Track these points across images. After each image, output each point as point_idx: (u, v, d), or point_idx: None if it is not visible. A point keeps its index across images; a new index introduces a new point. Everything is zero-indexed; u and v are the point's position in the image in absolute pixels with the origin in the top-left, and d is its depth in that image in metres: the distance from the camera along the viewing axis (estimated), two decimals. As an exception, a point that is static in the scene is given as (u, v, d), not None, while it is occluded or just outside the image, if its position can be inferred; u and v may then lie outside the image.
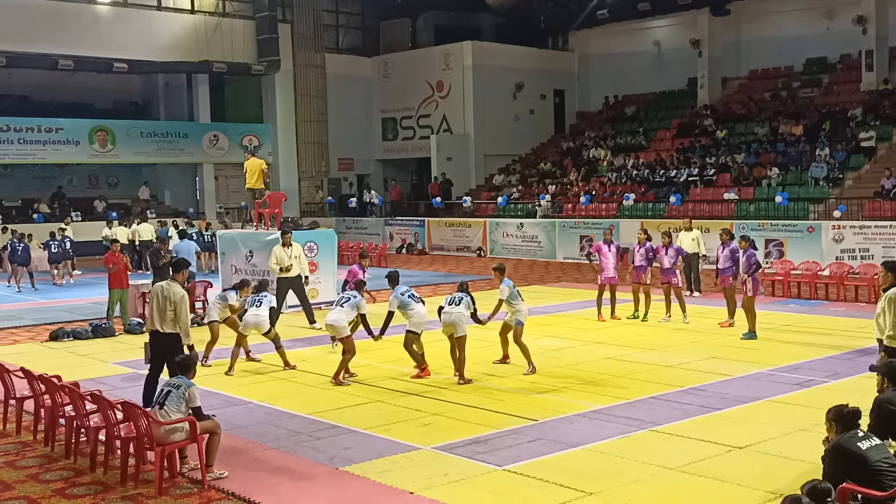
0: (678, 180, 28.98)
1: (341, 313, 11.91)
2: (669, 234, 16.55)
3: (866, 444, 5.85)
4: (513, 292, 12.00)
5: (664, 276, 16.01)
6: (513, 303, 12.00)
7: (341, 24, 40.08)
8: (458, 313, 11.48)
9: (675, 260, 15.92)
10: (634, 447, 8.63)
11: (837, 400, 6.68)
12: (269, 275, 17.37)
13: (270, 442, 9.14)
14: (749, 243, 14.60)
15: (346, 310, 11.91)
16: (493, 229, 30.96)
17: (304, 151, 37.38)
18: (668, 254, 15.95)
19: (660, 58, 36.91)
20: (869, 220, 22.92)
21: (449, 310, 11.57)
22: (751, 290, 14.14)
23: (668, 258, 15.91)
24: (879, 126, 27.45)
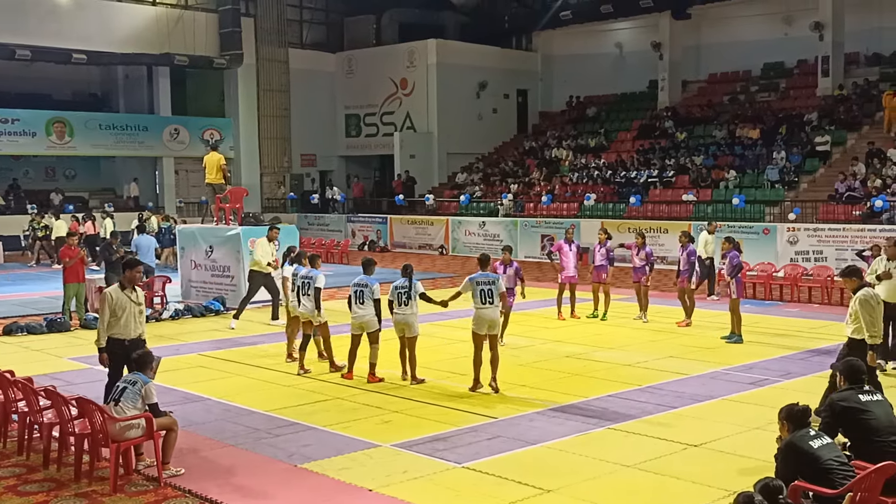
0: (638, 181, 29.26)
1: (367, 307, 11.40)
2: (643, 234, 16.79)
3: (818, 443, 5.97)
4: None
5: (636, 275, 16.24)
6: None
7: (305, 20, 39.86)
8: (411, 314, 11.30)
9: (646, 261, 16.14)
10: (592, 445, 8.71)
11: (790, 399, 6.81)
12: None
13: (228, 439, 9.09)
14: (732, 245, 14.64)
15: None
16: (455, 227, 31.01)
17: (266, 147, 37.13)
18: (640, 254, 16.16)
19: (621, 60, 37.23)
20: (823, 223, 23.33)
21: (400, 311, 11.33)
22: (735, 293, 14.16)
23: (639, 258, 16.13)
24: (834, 131, 27.95)
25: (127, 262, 9.62)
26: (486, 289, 10.91)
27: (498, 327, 11.16)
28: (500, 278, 11.30)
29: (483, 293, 10.89)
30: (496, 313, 11.02)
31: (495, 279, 11.08)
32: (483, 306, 10.88)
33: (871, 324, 9.16)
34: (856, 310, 9.27)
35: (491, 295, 10.89)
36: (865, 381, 6.85)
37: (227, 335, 15.29)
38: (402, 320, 11.35)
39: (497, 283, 11.02)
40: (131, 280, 9.18)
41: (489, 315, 10.89)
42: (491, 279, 11.03)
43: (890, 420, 6.56)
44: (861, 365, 6.99)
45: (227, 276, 18.61)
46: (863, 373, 6.89)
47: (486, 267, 11.30)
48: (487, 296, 10.88)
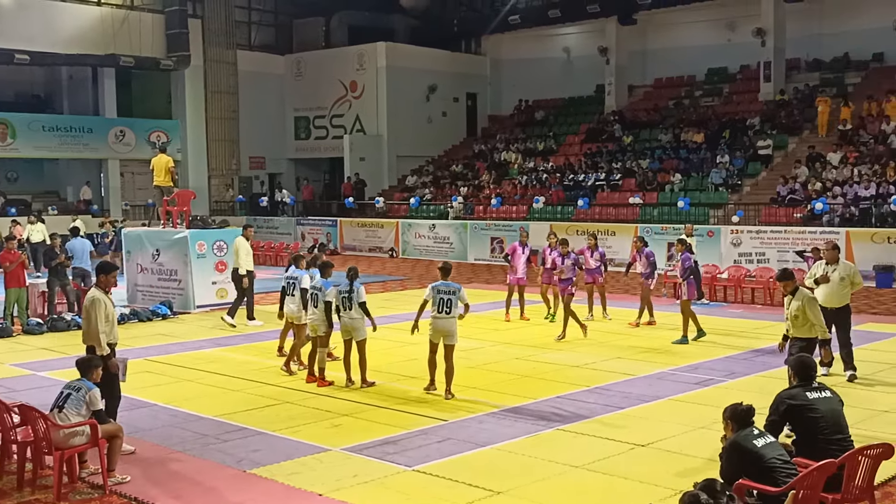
0: (586, 184, 29.56)
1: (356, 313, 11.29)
2: (595, 236, 17.20)
3: (761, 442, 6.09)
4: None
5: (588, 276, 16.47)
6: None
7: (253, 21, 39.52)
8: (358, 318, 11.20)
9: (600, 262, 16.38)
10: (542, 446, 8.79)
11: (734, 398, 6.94)
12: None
13: (176, 445, 8.99)
14: (685, 247, 14.85)
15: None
16: (405, 230, 31.02)
17: (214, 149, 36.72)
18: (594, 256, 16.43)
19: (569, 64, 37.60)
20: (765, 226, 23.81)
21: (345, 315, 11.23)
22: (685, 294, 14.28)
23: (594, 260, 16.41)
24: (776, 135, 28.54)
25: (103, 266, 9.26)
26: (446, 298, 10.76)
27: (453, 338, 10.84)
28: (461, 288, 10.96)
29: (442, 302, 10.76)
30: (452, 324, 10.80)
31: (456, 289, 10.85)
32: (439, 315, 10.77)
33: (821, 321, 9.57)
34: (802, 310, 9.51)
35: (449, 305, 10.73)
36: (815, 378, 6.93)
37: (174, 339, 15.11)
38: (348, 324, 11.30)
39: (459, 293, 10.83)
40: (109, 284, 8.98)
41: (443, 325, 10.77)
42: (452, 289, 10.82)
43: (836, 418, 6.65)
44: (813, 362, 7.08)
45: (174, 280, 18.39)
46: (814, 370, 6.98)
47: (447, 276, 11.12)
48: (445, 305, 10.75)
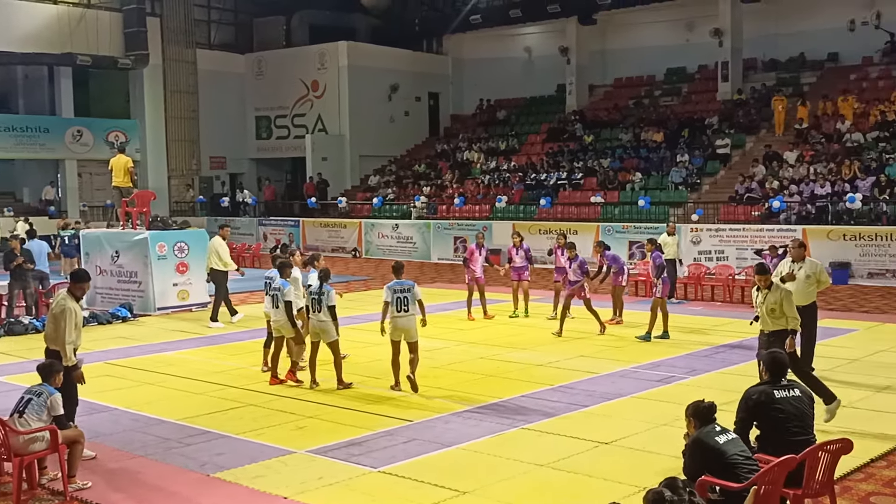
0: (548, 183, 29.72)
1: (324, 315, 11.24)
2: (565, 236, 17.41)
3: (723, 439, 6.17)
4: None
5: (557, 275, 16.68)
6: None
7: (213, 20, 39.18)
8: (327, 321, 11.19)
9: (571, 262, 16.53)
10: (507, 445, 8.83)
11: (696, 395, 7.02)
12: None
13: (137, 450, 8.89)
14: (655, 246, 15.10)
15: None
16: (368, 230, 30.95)
17: (173, 149, 36.35)
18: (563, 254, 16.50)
19: (530, 64, 37.77)
20: (724, 224, 24.12)
21: (315, 317, 11.22)
22: (660, 292, 14.57)
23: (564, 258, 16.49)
24: (734, 134, 28.92)
25: (78, 274, 9.09)
26: (402, 296, 10.93)
27: (415, 335, 11.01)
28: (415, 285, 11.13)
29: (399, 301, 10.92)
30: (412, 321, 10.98)
31: (411, 286, 11.05)
32: (398, 314, 10.92)
33: (795, 314, 9.77)
34: (779, 303, 9.66)
35: (406, 302, 10.91)
36: (786, 377, 6.95)
37: (135, 342, 14.94)
38: (316, 326, 11.29)
39: (413, 290, 11.00)
40: (83, 292, 8.85)
41: (403, 323, 10.94)
42: (406, 286, 11.00)
43: (802, 418, 6.70)
44: (786, 359, 7.10)
45: (134, 282, 18.19)
46: (785, 368, 6.99)
47: (400, 274, 11.28)
48: (403, 303, 10.91)
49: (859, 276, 21.31)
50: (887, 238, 21.03)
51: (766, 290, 9.82)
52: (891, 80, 28.21)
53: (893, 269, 20.94)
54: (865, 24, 29.61)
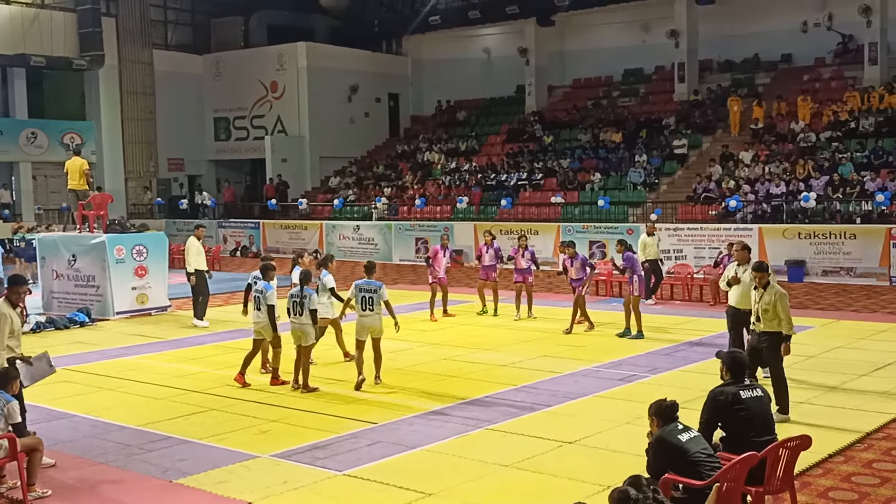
0: (508, 184, 29.84)
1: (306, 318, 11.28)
2: (525, 237, 17.52)
3: (686, 437, 6.24)
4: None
5: (518, 276, 16.77)
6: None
7: (170, 20, 38.75)
8: (308, 325, 11.22)
9: (530, 263, 16.72)
10: (472, 446, 8.87)
11: (658, 394, 7.10)
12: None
13: (98, 457, 8.79)
14: (625, 247, 15.24)
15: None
16: (329, 231, 30.83)
17: (130, 151, 35.89)
18: (524, 256, 16.71)
19: (490, 65, 37.90)
20: (682, 223, 24.41)
21: (296, 320, 11.26)
22: (635, 290, 14.73)
23: (524, 260, 16.70)
24: (691, 134, 29.28)
25: (13, 278, 8.97)
26: (368, 296, 11.19)
27: (379, 333, 11.32)
28: (382, 286, 11.34)
29: (364, 300, 11.17)
30: (377, 320, 11.26)
31: (378, 286, 11.27)
32: (364, 313, 11.20)
33: (790, 317, 9.55)
34: (774, 304, 9.42)
35: (372, 302, 11.18)
36: (747, 376, 7.05)
37: (93, 347, 14.74)
38: (297, 329, 11.29)
39: (380, 290, 11.23)
40: (19, 297, 8.67)
41: (369, 322, 11.24)
42: (374, 287, 11.24)
43: (764, 418, 6.83)
44: (745, 359, 7.17)
45: (91, 286, 17.94)
46: (746, 367, 7.08)
47: (371, 274, 11.50)
48: (368, 303, 11.18)
49: (814, 273, 21.70)
50: (841, 236, 21.44)
51: (761, 290, 9.60)
52: (843, 81, 28.76)
53: (847, 266, 21.35)
54: (818, 25, 30.18)
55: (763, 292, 9.55)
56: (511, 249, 17.21)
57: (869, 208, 22.11)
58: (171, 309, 18.79)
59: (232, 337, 15.43)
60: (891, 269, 20.69)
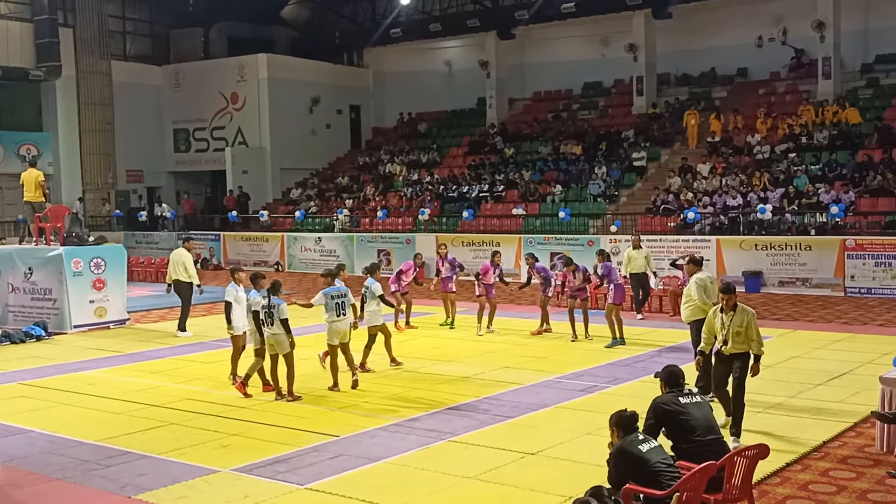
0: (470, 196, 29.95)
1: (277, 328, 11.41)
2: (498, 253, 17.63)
3: (646, 447, 6.35)
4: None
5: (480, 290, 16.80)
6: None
7: (128, 31, 38.39)
8: (281, 334, 11.21)
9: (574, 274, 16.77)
10: (434, 458, 8.87)
11: (619, 404, 7.19)
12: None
13: (55, 472, 8.66)
14: (605, 257, 15.73)
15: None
16: (290, 243, 30.69)
17: (88, 162, 35.43)
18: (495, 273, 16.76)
19: (451, 77, 38.05)
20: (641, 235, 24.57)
21: (268, 330, 11.28)
22: (611, 298, 15.16)
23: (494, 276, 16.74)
24: (649, 147, 29.63)
25: None
26: (340, 301, 11.60)
27: (348, 337, 11.70)
28: (349, 291, 11.81)
29: (337, 306, 11.58)
30: (347, 325, 11.70)
31: (346, 292, 11.72)
32: (337, 319, 11.61)
33: (760, 337, 9.23)
34: (747, 325, 9.08)
35: (343, 307, 11.60)
36: (684, 385, 7.28)
37: (50, 362, 14.52)
38: (271, 339, 11.34)
39: (348, 295, 11.69)
40: None
41: (341, 327, 11.65)
42: (342, 292, 11.67)
43: (708, 420, 7.04)
44: (681, 371, 7.40)
45: (48, 300, 17.68)
46: (682, 378, 7.31)
47: (334, 280, 11.80)
48: (341, 308, 11.61)
49: (771, 284, 22.04)
50: (797, 248, 21.81)
51: (731, 312, 9.14)
52: (797, 95, 29.31)
53: (803, 277, 21.72)
54: (773, 40, 30.76)
55: (734, 314, 9.12)
56: (482, 266, 17.20)
57: (824, 220, 22.53)
58: (129, 322, 18.58)
59: (191, 350, 15.31)
60: (845, 280, 21.09)
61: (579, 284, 15.75)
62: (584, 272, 15.93)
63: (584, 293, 15.88)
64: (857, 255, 20.98)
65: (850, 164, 24.37)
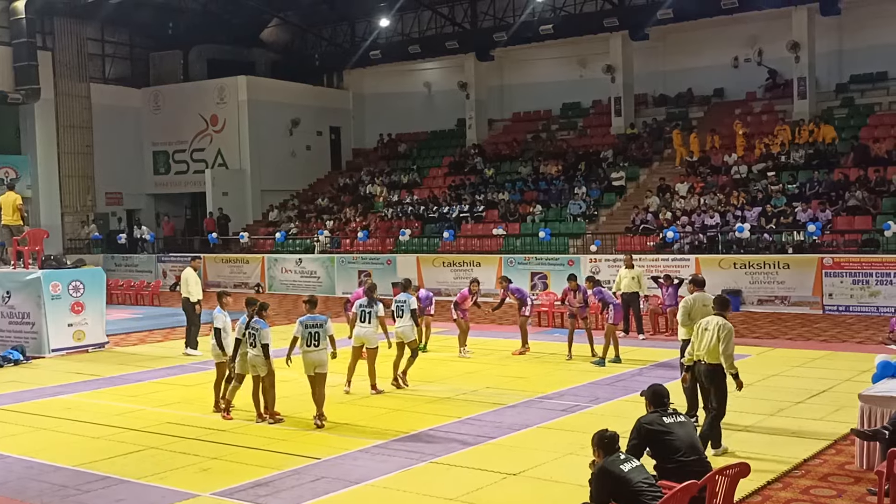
0: (450, 216, 30.01)
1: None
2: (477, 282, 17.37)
3: (628, 466, 6.37)
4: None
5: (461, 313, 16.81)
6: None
7: (108, 54, 38.28)
8: (260, 357, 11.19)
9: (473, 302, 16.80)
10: (416, 480, 8.85)
11: (601, 424, 7.22)
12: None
13: (32, 498, 8.57)
14: (594, 283, 15.99)
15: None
16: (271, 265, 30.60)
17: (67, 185, 35.24)
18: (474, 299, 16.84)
19: (430, 98, 38.21)
20: (621, 254, 24.71)
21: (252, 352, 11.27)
22: (611, 319, 15.32)
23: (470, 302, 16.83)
24: (628, 167, 29.82)
25: None
26: (314, 332, 11.21)
27: (324, 367, 11.27)
28: (328, 320, 11.40)
29: (310, 336, 11.19)
30: (322, 356, 11.25)
31: (323, 322, 11.32)
32: (309, 349, 11.20)
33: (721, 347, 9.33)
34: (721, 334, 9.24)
35: (317, 338, 11.20)
36: (668, 405, 7.33)
37: (28, 386, 14.37)
38: (253, 360, 11.28)
39: (325, 325, 11.27)
40: None
41: (313, 358, 11.22)
42: (318, 322, 11.29)
43: (691, 440, 7.09)
44: (665, 390, 7.45)
45: (26, 323, 17.53)
46: (666, 397, 7.36)
47: (313, 308, 11.49)
48: (314, 338, 11.20)
49: (750, 302, 22.18)
50: (775, 266, 21.98)
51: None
52: (773, 115, 29.62)
53: (782, 295, 21.88)
54: (748, 60, 31.11)
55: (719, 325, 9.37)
56: (460, 294, 17.17)
57: (801, 238, 22.73)
58: (108, 345, 18.44)
59: (170, 374, 15.20)
60: (823, 298, 21.26)
61: (579, 304, 15.88)
62: (585, 293, 16.04)
63: (583, 312, 16.02)
64: (834, 273, 21.17)
65: (826, 183, 24.64)
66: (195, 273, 17.44)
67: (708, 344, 9.28)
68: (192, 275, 17.35)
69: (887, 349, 14.32)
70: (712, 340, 9.24)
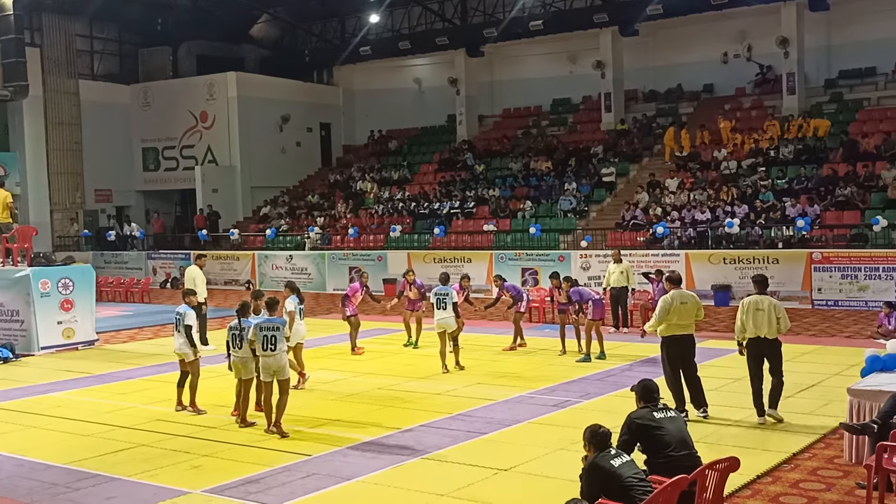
0: (441, 212, 30.01)
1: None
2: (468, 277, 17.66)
3: (618, 462, 6.39)
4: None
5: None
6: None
7: (96, 50, 38.16)
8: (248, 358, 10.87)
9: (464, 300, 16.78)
10: (407, 476, 8.86)
11: (591, 419, 7.23)
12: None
13: (23, 496, 8.54)
14: (571, 283, 15.80)
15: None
16: (261, 262, 30.56)
17: (56, 182, 35.13)
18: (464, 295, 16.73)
19: (421, 94, 38.19)
20: (612, 249, 24.75)
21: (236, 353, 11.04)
22: (590, 314, 15.20)
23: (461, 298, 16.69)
24: (618, 163, 29.88)
25: None
26: (270, 335, 10.58)
27: (285, 373, 10.69)
28: (285, 323, 10.98)
29: (266, 339, 10.57)
30: (280, 359, 10.63)
31: (280, 325, 10.72)
32: (265, 353, 10.59)
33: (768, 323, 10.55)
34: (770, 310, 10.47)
35: (274, 341, 10.56)
36: (658, 400, 7.36)
37: (17, 384, 14.33)
38: (238, 362, 11.08)
39: (282, 328, 10.70)
40: None
41: (270, 363, 10.59)
42: (275, 325, 10.67)
43: (681, 435, 7.11)
44: (655, 385, 7.49)
45: (16, 321, 17.47)
46: (656, 392, 7.40)
47: (272, 311, 10.98)
48: (270, 342, 10.56)
49: (740, 297, 21.88)
50: (764, 261, 22.06)
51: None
52: (763, 110, 29.71)
53: (771, 290, 21.68)
54: (738, 56, 31.20)
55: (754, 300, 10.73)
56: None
57: (790, 233, 22.81)
58: (98, 343, 18.39)
59: (160, 371, 15.16)
60: (812, 293, 21.35)
61: (564, 300, 15.84)
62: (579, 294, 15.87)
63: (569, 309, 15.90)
64: (823, 268, 21.26)
65: (815, 178, 24.73)
66: (201, 272, 17.22)
67: (767, 322, 10.47)
68: (198, 273, 17.11)
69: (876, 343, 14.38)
70: (771, 318, 10.47)
